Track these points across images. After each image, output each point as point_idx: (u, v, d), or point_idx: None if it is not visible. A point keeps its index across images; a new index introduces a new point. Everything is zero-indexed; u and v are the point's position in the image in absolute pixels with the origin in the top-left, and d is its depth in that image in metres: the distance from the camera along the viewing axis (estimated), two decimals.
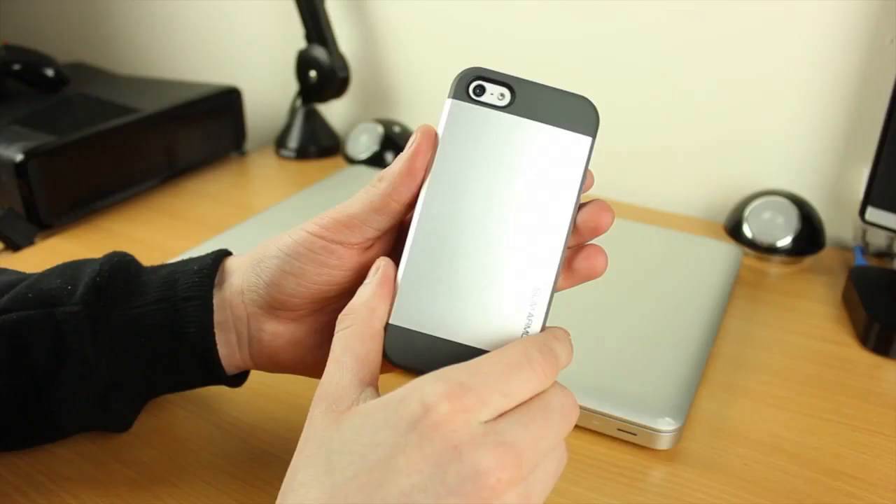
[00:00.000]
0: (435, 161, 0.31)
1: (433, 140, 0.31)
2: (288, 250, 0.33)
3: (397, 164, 0.31)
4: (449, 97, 0.31)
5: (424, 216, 0.30)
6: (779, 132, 0.71)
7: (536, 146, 0.30)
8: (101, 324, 0.36)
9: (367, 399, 0.27)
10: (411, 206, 0.32)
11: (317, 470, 0.26)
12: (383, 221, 0.32)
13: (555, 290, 0.30)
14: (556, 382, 0.28)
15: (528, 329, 0.30)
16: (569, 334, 0.30)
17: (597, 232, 0.31)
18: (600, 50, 0.76)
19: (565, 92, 0.31)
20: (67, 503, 0.38)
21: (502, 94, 0.31)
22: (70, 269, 0.38)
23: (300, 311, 0.35)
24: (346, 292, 0.33)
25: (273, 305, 0.35)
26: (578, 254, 0.32)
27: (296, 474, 0.27)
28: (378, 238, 0.33)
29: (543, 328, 0.30)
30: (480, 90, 0.31)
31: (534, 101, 0.31)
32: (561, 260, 0.30)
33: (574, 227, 0.31)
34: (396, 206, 0.32)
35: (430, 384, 0.26)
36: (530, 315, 0.30)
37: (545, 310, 0.30)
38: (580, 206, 0.31)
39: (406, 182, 0.31)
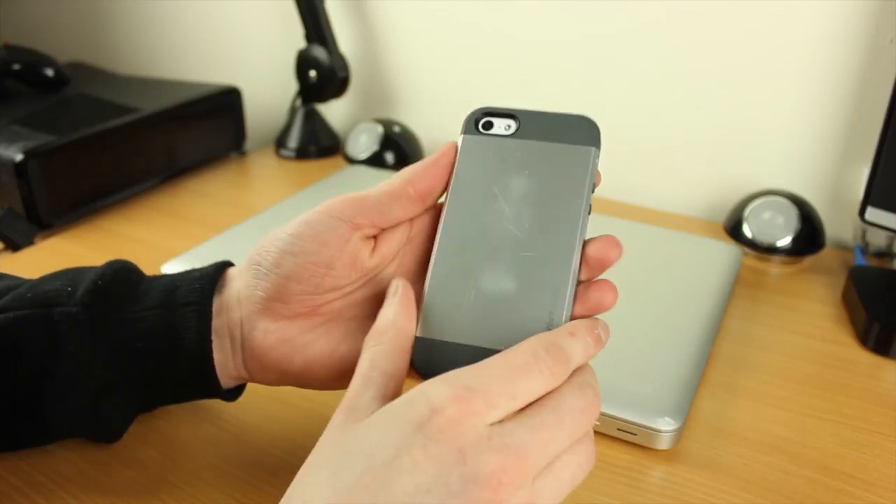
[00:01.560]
0: (451, 187, 0.33)
1: (455, 150, 0.34)
2: (292, 230, 0.34)
3: (421, 161, 0.34)
4: (460, 133, 0.34)
5: (445, 234, 0.32)
6: (779, 132, 0.71)
7: (545, 160, 0.33)
8: (99, 325, 0.36)
9: None
10: (423, 200, 0.34)
11: (328, 470, 0.26)
12: (395, 209, 0.33)
13: (574, 287, 0.31)
14: (573, 379, 0.28)
15: (549, 327, 0.30)
16: (594, 326, 0.30)
17: (604, 265, 0.32)
18: (600, 50, 0.76)
19: (566, 114, 0.34)
20: (67, 503, 0.38)
21: (508, 126, 0.34)
22: (71, 273, 0.39)
23: (294, 307, 0.35)
24: (340, 288, 0.34)
25: (269, 297, 0.35)
26: (590, 287, 0.32)
27: (306, 474, 0.27)
28: (383, 233, 0.34)
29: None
30: (489, 125, 0.34)
31: (538, 125, 0.33)
32: (576, 258, 0.31)
33: (584, 259, 0.32)
34: (412, 191, 0.33)
35: (438, 387, 0.26)
36: (551, 313, 0.30)
37: (565, 307, 0.31)
38: (591, 240, 0.32)
39: (427, 170, 0.33)
